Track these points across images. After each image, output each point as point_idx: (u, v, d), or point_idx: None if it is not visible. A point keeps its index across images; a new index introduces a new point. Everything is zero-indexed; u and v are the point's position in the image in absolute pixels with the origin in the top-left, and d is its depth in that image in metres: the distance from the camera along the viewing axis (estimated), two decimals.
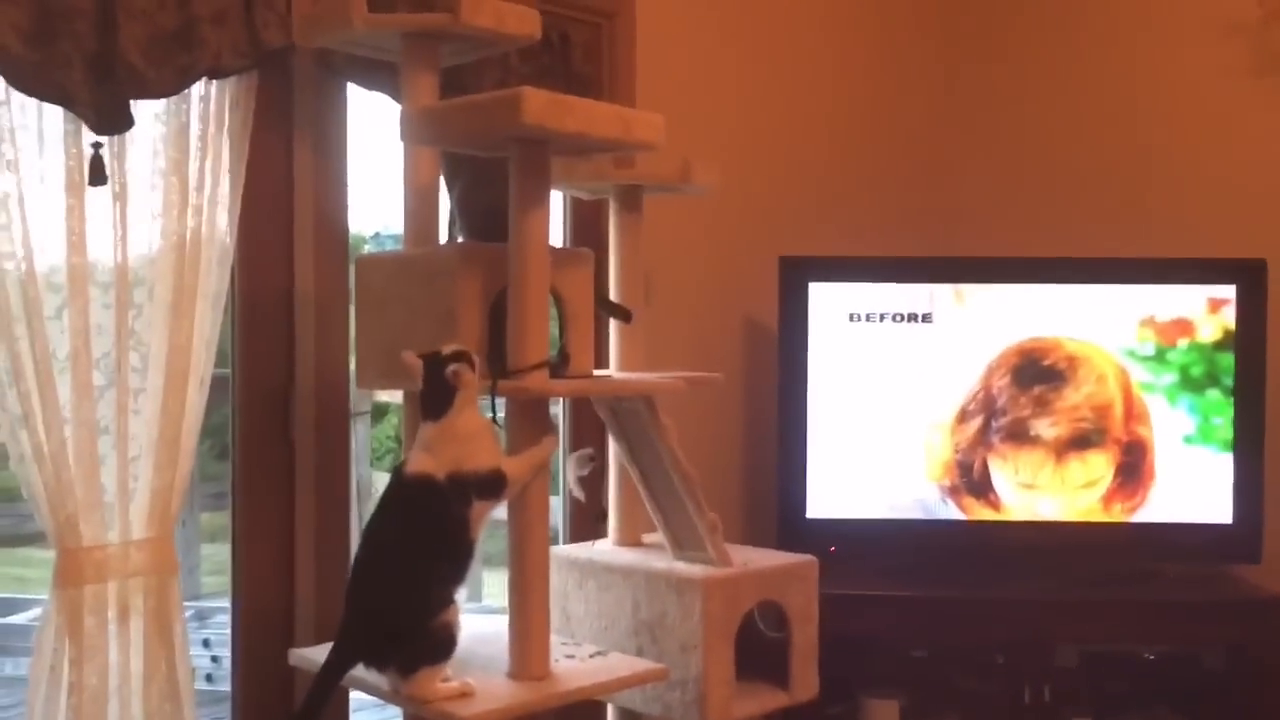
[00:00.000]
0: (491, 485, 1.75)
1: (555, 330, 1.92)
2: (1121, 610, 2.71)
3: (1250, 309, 2.78)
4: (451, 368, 1.72)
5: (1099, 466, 2.81)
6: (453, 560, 1.74)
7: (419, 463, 1.74)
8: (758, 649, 2.14)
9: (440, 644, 1.71)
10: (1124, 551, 2.85)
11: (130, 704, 1.93)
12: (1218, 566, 2.87)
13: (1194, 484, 2.80)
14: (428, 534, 1.72)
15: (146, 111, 1.95)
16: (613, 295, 2.26)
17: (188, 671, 2.00)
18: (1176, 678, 2.84)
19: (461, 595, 1.78)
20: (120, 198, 1.92)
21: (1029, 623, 2.69)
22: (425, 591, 1.71)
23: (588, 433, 2.55)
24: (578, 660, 1.96)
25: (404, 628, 1.70)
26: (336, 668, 1.72)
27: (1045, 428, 2.81)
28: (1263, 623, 2.67)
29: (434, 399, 1.74)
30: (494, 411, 1.81)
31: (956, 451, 2.83)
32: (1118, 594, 2.76)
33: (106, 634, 1.91)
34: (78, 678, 1.86)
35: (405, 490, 1.74)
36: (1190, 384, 2.79)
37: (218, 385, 2.08)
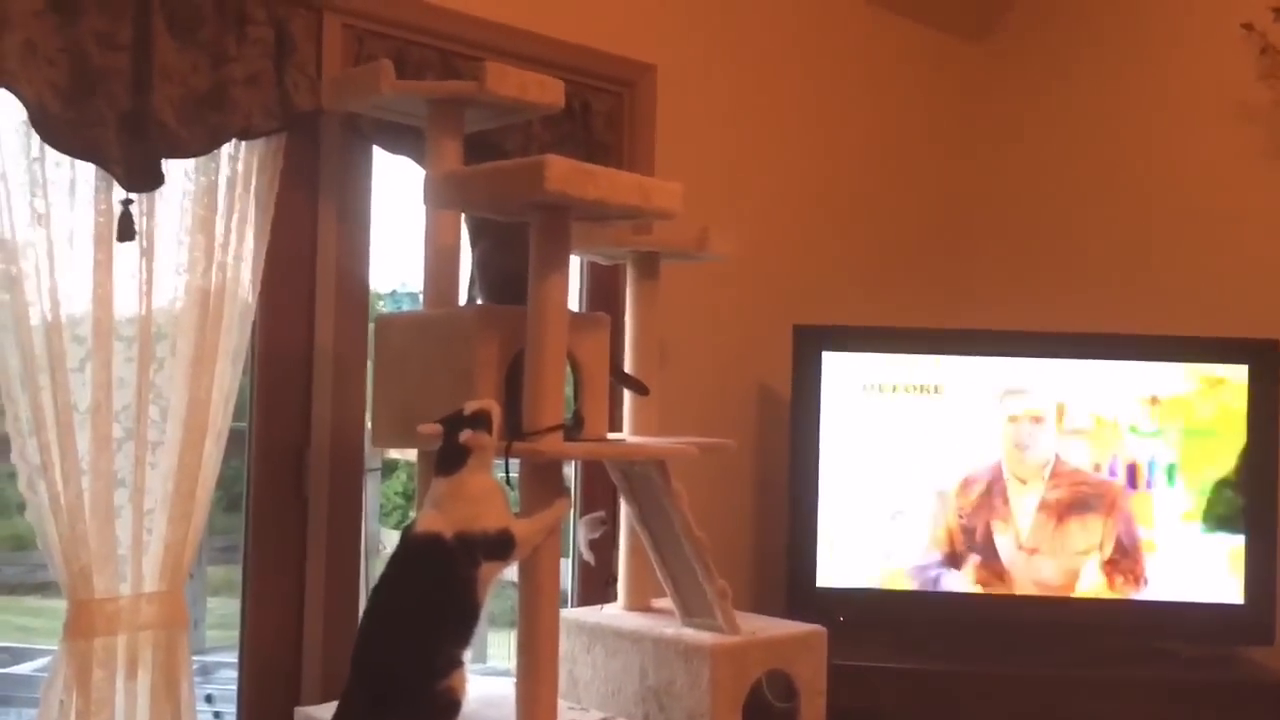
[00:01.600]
0: (500, 546, 1.75)
1: (570, 393, 1.94)
2: (1132, 690, 2.68)
3: (1262, 388, 2.79)
4: (465, 435, 1.73)
5: (1097, 531, 2.80)
6: (459, 621, 1.73)
7: (428, 521, 1.74)
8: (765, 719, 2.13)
9: (445, 707, 1.71)
10: (1134, 629, 2.83)
11: None
12: (1229, 648, 2.84)
13: (1199, 562, 2.78)
14: (434, 594, 1.72)
15: (176, 169, 1.99)
16: (628, 360, 2.28)
17: None
18: None
19: (467, 656, 1.77)
20: (147, 253, 1.96)
21: (1038, 700, 2.66)
22: (431, 653, 1.71)
23: (599, 496, 2.56)
24: None
25: (409, 689, 1.70)
26: None
27: (1047, 491, 2.81)
28: (1277, 707, 2.63)
29: (449, 456, 1.76)
30: (507, 472, 1.82)
31: (961, 517, 2.83)
32: (1128, 673, 2.73)
33: (114, 687, 1.91)
34: None
35: (413, 550, 1.74)
36: (1196, 462, 2.79)
37: (230, 438, 2.09)
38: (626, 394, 2.26)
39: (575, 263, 2.60)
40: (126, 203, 1.90)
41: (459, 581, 1.72)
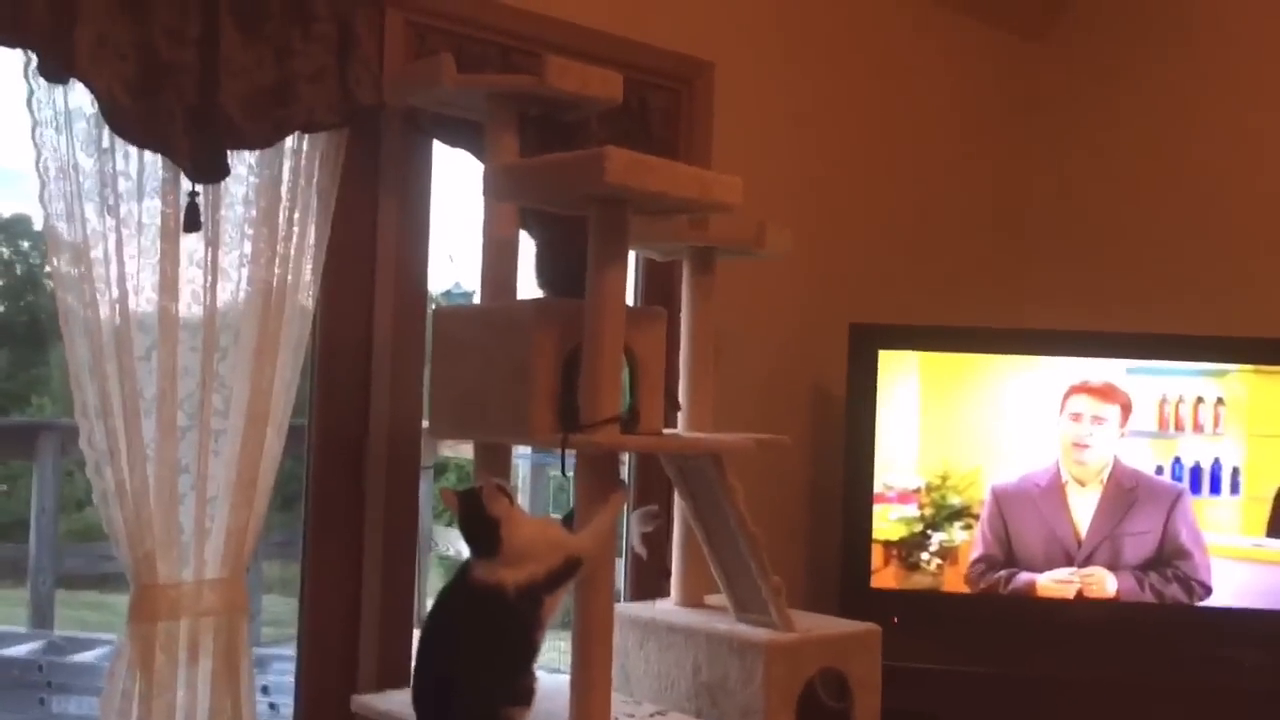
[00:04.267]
0: (565, 575, 1.76)
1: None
2: (1193, 697, 2.63)
3: None
4: (491, 508, 1.73)
5: (1157, 534, 2.76)
6: (522, 658, 1.76)
7: (493, 574, 1.73)
8: (819, 719, 2.11)
9: None
10: (1195, 635, 2.78)
11: None
12: None
13: (1263, 567, 2.73)
14: (496, 644, 1.73)
15: (240, 162, 2.02)
16: (682, 356, 2.28)
17: (252, 713, 2.02)
18: None
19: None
20: (212, 244, 1.99)
21: (1095, 705, 2.62)
22: (497, 691, 1.73)
23: (654, 491, 2.56)
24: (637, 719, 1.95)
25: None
26: None
27: (1105, 492, 2.77)
28: None
29: (480, 538, 1.75)
30: (563, 466, 1.83)
31: (1017, 517, 2.79)
32: (1190, 680, 2.68)
33: (176, 671, 1.94)
34: (146, 713, 1.89)
35: (473, 598, 1.74)
36: (1262, 465, 2.74)
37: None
38: (682, 389, 2.26)
39: (631, 258, 2.60)
40: (193, 194, 1.94)
41: (522, 628, 1.74)
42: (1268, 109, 3.12)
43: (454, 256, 2.13)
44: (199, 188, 1.95)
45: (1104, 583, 2.78)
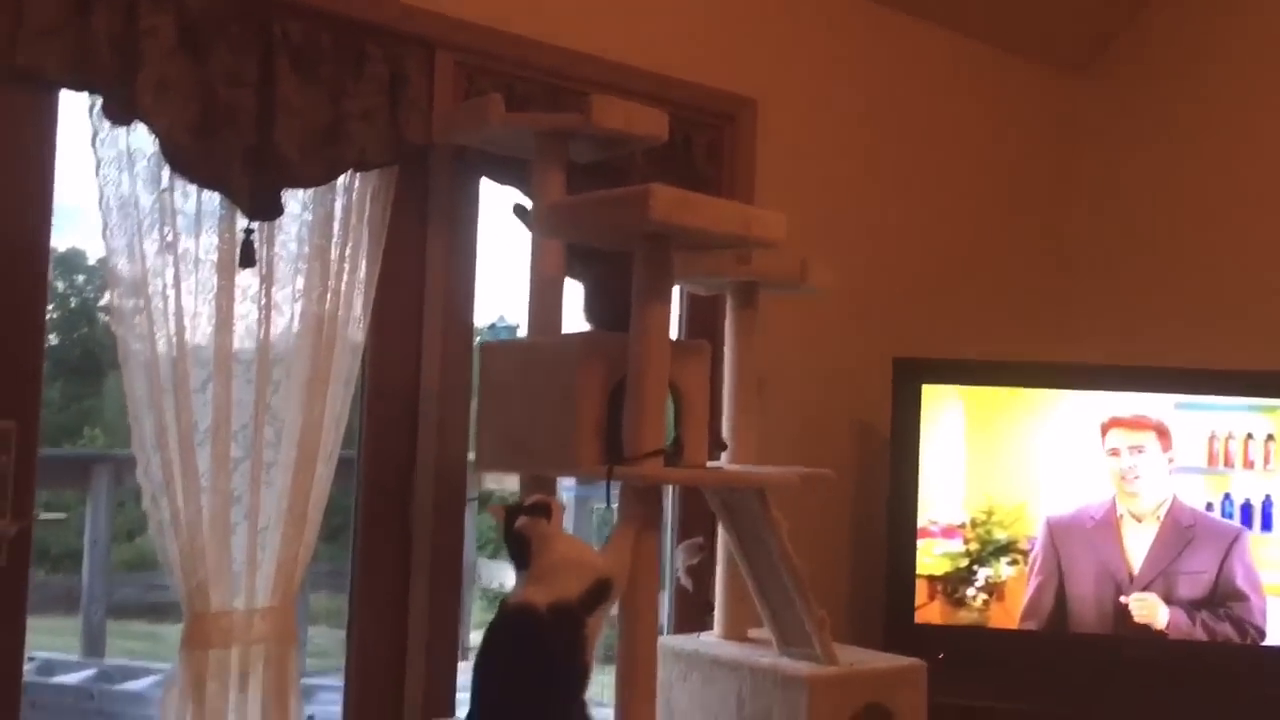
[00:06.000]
0: (599, 595, 1.75)
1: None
2: None
3: None
4: (520, 522, 1.75)
5: (1212, 573, 2.73)
6: (570, 682, 1.74)
7: (523, 593, 1.75)
8: None
9: None
10: (1250, 675, 2.73)
11: None
12: None
13: None
14: (532, 665, 1.72)
15: (294, 200, 2.08)
16: (725, 390, 2.30)
17: None
18: None
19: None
20: (266, 280, 2.04)
21: None
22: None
23: (696, 525, 2.57)
24: None
25: None
26: None
27: (1161, 529, 2.74)
28: None
29: (514, 552, 1.77)
30: (608, 498, 1.85)
31: (1069, 554, 2.77)
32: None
33: (227, 698, 1.97)
34: None
35: (507, 618, 1.75)
36: None
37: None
38: (725, 423, 2.27)
39: (675, 292, 2.63)
40: (249, 231, 1.99)
41: (561, 649, 1.73)
42: None
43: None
44: (254, 224, 2.00)
45: (1156, 611, 2.74)
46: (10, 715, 1.89)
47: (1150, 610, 2.75)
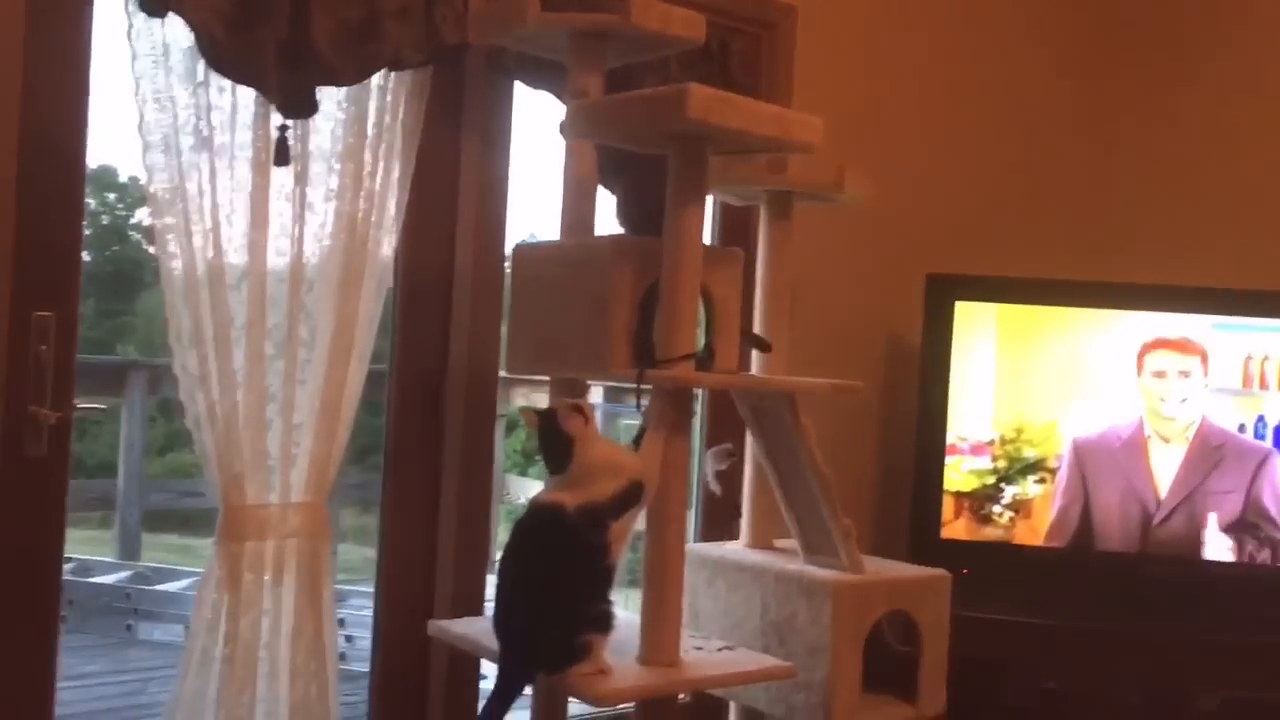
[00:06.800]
0: (631, 497, 1.75)
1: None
2: (1271, 656, 2.60)
3: None
4: (565, 419, 1.73)
5: (1241, 493, 2.73)
6: (592, 583, 1.74)
7: (553, 494, 1.75)
8: (885, 662, 2.13)
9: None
10: (1273, 595, 2.74)
11: (279, 657, 2.03)
12: None
13: None
14: (560, 563, 1.73)
15: (329, 99, 2.06)
16: (757, 301, 2.29)
17: (333, 632, 2.09)
18: None
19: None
20: (300, 178, 2.04)
21: (1169, 662, 2.60)
22: (571, 615, 1.72)
23: (725, 433, 2.58)
24: (706, 652, 1.98)
25: (555, 651, 1.73)
26: (505, 695, 1.74)
27: (1190, 450, 2.74)
28: None
29: (554, 454, 1.76)
30: (638, 401, 1.85)
31: (1095, 472, 2.76)
32: (1267, 639, 2.64)
33: (261, 590, 2.01)
34: (233, 628, 1.97)
35: (534, 521, 1.75)
36: None
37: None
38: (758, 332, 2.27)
39: (708, 203, 2.61)
40: (283, 128, 1.98)
41: (587, 549, 1.73)
42: None
43: None
44: (289, 122, 1.99)
45: (1184, 540, 2.74)
46: (50, 602, 1.93)
47: (1178, 537, 2.75)
